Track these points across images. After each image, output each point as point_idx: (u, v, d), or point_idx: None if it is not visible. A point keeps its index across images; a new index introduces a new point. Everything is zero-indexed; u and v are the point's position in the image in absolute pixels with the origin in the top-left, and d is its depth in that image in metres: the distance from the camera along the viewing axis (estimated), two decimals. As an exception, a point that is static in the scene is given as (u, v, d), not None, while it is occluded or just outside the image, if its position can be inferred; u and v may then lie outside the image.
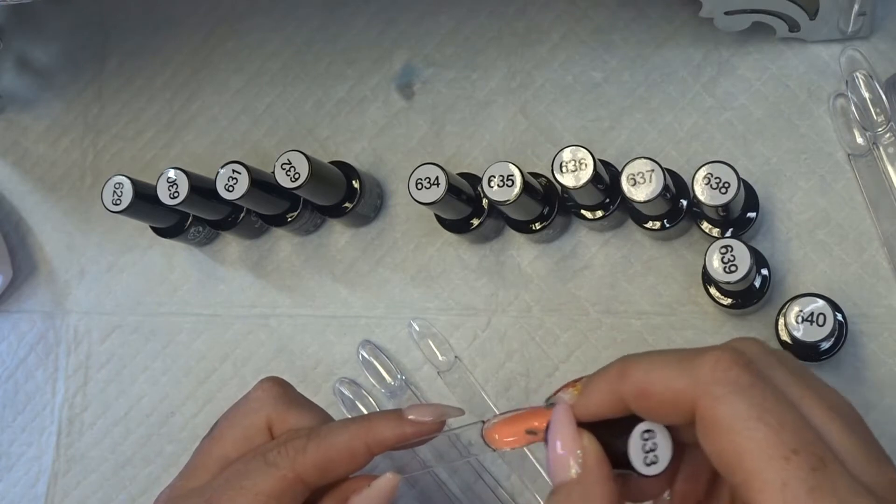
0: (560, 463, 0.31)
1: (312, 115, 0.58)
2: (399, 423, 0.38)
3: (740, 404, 0.26)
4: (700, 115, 0.49)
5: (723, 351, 0.28)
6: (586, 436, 0.31)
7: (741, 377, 0.27)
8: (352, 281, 0.55)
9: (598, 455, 0.30)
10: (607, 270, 0.50)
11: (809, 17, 0.45)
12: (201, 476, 0.39)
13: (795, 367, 0.30)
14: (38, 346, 0.62)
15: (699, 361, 0.28)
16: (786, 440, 0.25)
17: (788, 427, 0.26)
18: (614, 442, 0.30)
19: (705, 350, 0.28)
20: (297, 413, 0.40)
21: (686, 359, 0.28)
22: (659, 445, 0.30)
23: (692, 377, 0.28)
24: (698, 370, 0.28)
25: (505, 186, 0.44)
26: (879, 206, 0.45)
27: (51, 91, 0.66)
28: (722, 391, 0.27)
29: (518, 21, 0.54)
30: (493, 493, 0.50)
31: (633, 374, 0.29)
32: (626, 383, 0.29)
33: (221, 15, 0.62)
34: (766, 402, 0.26)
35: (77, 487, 0.59)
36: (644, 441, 0.30)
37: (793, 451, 0.25)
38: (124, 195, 0.51)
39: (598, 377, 0.31)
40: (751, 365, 0.27)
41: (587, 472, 0.30)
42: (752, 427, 0.26)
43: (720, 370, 0.27)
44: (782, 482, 0.25)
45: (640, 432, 0.30)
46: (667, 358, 0.29)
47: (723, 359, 0.27)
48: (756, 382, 0.27)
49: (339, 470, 0.38)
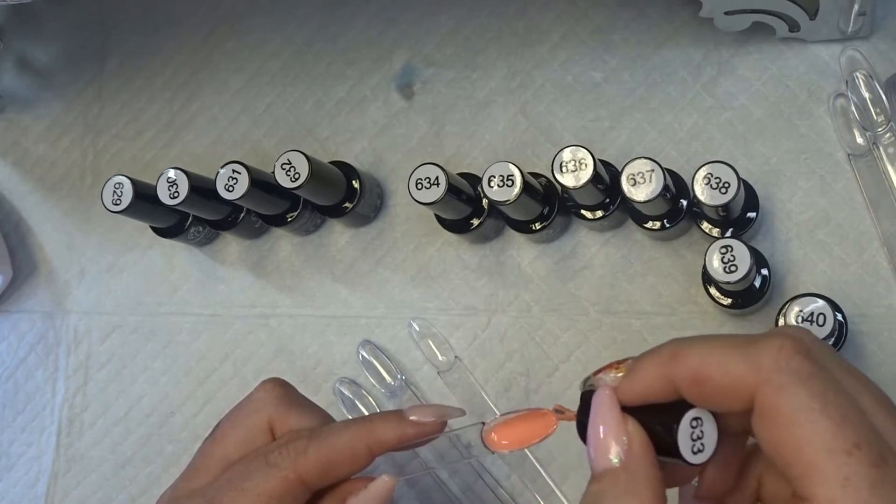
0: (602, 449, 0.30)
1: (312, 115, 0.58)
2: (400, 424, 0.38)
3: (803, 395, 0.26)
4: (700, 115, 0.49)
5: (785, 338, 0.27)
6: (631, 421, 0.30)
7: (803, 366, 0.26)
8: (352, 281, 0.55)
9: (644, 441, 0.29)
10: (607, 270, 0.50)
11: (809, 17, 0.45)
12: (203, 477, 0.39)
13: (841, 358, 0.30)
14: (38, 346, 0.62)
15: (761, 347, 0.27)
16: (848, 434, 0.25)
17: (850, 421, 0.25)
18: (658, 428, 0.29)
19: (766, 336, 0.28)
20: (299, 414, 0.40)
21: (746, 344, 0.28)
22: (706, 433, 0.29)
23: (753, 364, 0.27)
24: (760, 357, 0.27)
25: (505, 186, 0.44)
26: (879, 206, 0.45)
27: (51, 91, 0.66)
28: (785, 380, 0.26)
29: (518, 21, 0.54)
30: (493, 493, 0.50)
31: (688, 357, 0.28)
32: (680, 367, 0.28)
33: (221, 15, 0.62)
34: (828, 395, 0.26)
35: (77, 487, 0.59)
36: (692, 429, 0.29)
37: (855, 446, 0.25)
38: (124, 195, 0.51)
39: (646, 359, 0.30)
40: (811, 354, 0.27)
41: (633, 459, 0.29)
42: (815, 420, 0.25)
43: (783, 358, 0.27)
44: (844, 476, 0.24)
45: (690, 419, 0.29)
46: (724, 342, 0.28)
47: (786, 346, 0.27)
48: (817, 373, 0.26)
49: (341, 471, 0.38)
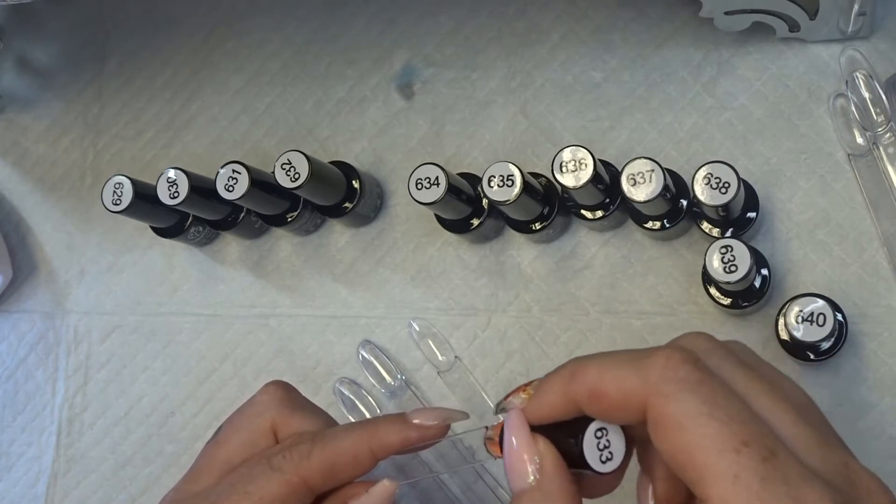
0: (518, 470, 0.31)
1: (312, 115, 0.58)
2: (404, 428, 0.38)
3: (690, 401, 0.27)
4: (700, 115, 0.49)
5: (672, 350, 0.28)
6: (541, 440, 0.31)
7: (691, 375, 0.27)
8: (352, 281, 0.55)
9: (556, 459, 0.30)
10: (607, 270, 0.50)
11: (809, 17, 0.45)
12: (205, 480, 0.39)
13: (748, 358, 0.31)
14: (38, 346, 0.62)
15: (649, 361, 0.28)
16: (736, 433, 0.26)
17: (738, 420, 0.26)
18: (567, 443, 0.30)
19: (655, 349, 0.29)
20: (302, 417, 0.40)
21: (636, 358, 0.29)
22: (612, 442, 0.30)
23: (643, 376, 0.28)
24: (648, 370, 0.28)
25: (505, 186, 0.44)
26: (879, 206, 0.45)
27: (51, 91, 0.66)
28: (672, 389, 0.27)
29: (518, 21, 0.54)
30: (493, 494, 0.50)
31: (585, 375, 0.29)
32: (578, 385, 0.30)
33: (221, 15, 0.62)
34: (716, 398, 0.27)
35: (77, 487, 0.59)
36: (598, 439, 0.30)
37: (743, 444, 0.25)
38: (124, 195, 0.51)
39: (549, 379, 0.31)
40: (699, 362, 0.28)
41: (546, 477, 0.30)
42: (703, 423, 0.26)
43: (669, 369, 0.27)
44: (734, 474, 0.25)
45: (594, 431, 0.30)
46: (617, 358, 0.29)
47: (672, 357, 0.28)
48: (705, 379, 0.27)
49: (344, 475, 0.38)
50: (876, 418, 0.44)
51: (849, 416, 0.44)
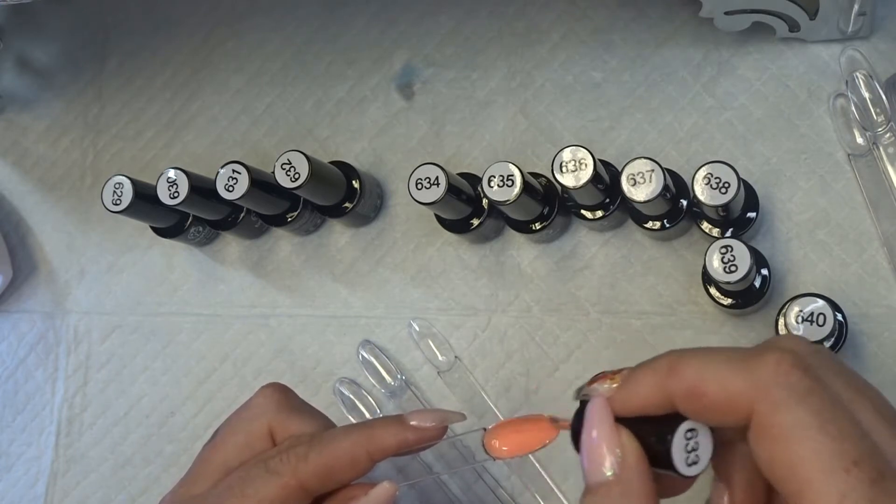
0: (596, 461, 0.29)
1: (312, 115, 0.58)
2: (401, 430, 0.38)
3: (801, 412, 0.25)
4: (700, 115, 0.49)
5: (783, 353, 0.27)
6: (625, 433, 0.29)
7: (802, 382, 0.26)
8: (352, 281, 0.55)
9: (639, 453, 0.29)
10: (607, 270, 0.50)
11: (809, 17, 0.45)
12: (202, 483, 0.39)
13: (841, 366, 0.29)
14: (38, 346, 0.62)
15: (759, 362, 0.27)
16: (847, 451, 0.25)
17: (849, 438, 0.25)
18: (652, 440, 0.29)
19: (764, 351, 0.27)
20: (299, 419, 0.40)
21: (744, 359, 0.27)
22: (701, 445, 0.29)
23: (751, 379, 0.27)
24: (758, 372, 0.26)
25: (505, 186, 0.44)
26: (879, 206, 0.45)
27: (51, 91, 0.66)
28: (783, 396, 0.26)
29: (518, 21, 0.54)
30: (494, 494, 0.50)
31: (685, 371, 0.28)
32: (677, 380, 0.28)
33: (221, 15, 0.62)
34: (826, 411, 0.25)
35: (76, 487, 0.59)
36: (687, 441, 0.28)
37: (853, 463, 0.24)
38: (124, 195, 0.51)
39: (643, 371, 0.30)
40: (810, 369, 0.26)
41: (627, 472, 0.29)
42: (813, 437, 0.25)
43: (781, 374, 0.26)
44: (841, 494, 0.24)
45: (684, 431, 0.28)
46: (722, 356, 0.28)
47: (784, 361, 0.26)
48: (815, 388, 0.26)
49: (341, 477, 0.38)
50: (876, 418, 0.44)
51: (849, 416, 0.44)
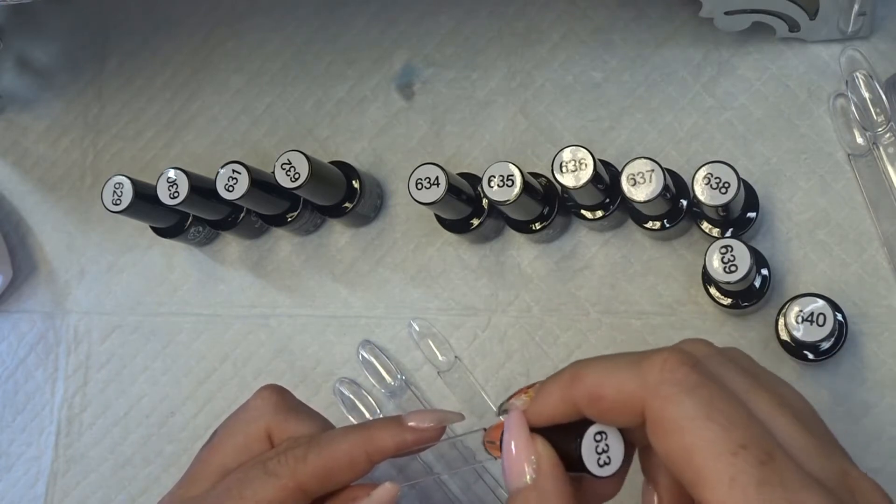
0: (515, 469, 0.31)
1: (312, 115, 0.58)
2: (399, 431, 0.38)
3: (688, 403, 0.27)
4: (700, 115, 0.49)
5: (671, 352, 0.28)
6: (539, 441, 0.31)
7: (689, 377, 0.27)
8: (352, 281, 0.55)
9: (553, 459, 0.31)
10: (607, 270, 0.50)
11: (809, 17, 0.45)
12: (200, 485, 0.38)
13: (746, 364, 0.31)
14: (38, 346, 0.62)
15: (647, 363, 0.28)
16: (734, 436, 0.26)
17: (736, 423, 0.26)
18: (567, 445, 0.31)
19: (654, 352, 0.29)
20: (297, 421, 0.40)
21: (635, 361, 0.29)
22: (611, 446, 0.30)
23: (641, 379, 0.28)
24: (647, 372, 0.28)
25: (505, 186, 0.44)
26: (879, 206, 0.45)
27: (51, 91, 0.66)
28: (670, 391, 0.27)
29: (518, 21, 0.54)
30: (493, 494, 0.50)
31: (585, 378, 0.30)
32: (579, 387, 0.30)
33: (221, 15, 0.62)
34: (714, 401, 0.27)
35: (76, 488, 0.59)
36: (597, 443, 0.30)
37: (741, 447, 0.25)
38: (124, 195, 0.51)
39: (550, 382, 0.31)
40: (698, 365, 0.28)
41: (542, 476, 0.30)
42: (701, 426, 0.26)
43: (668, 371, 0.27)
44: (730, 477, 0.25)
45: (593, 434, 0.30)
46: (617, 361, 0.29)
47: (670, 359, 0.28)
48: (704, 381, 0.27)
49: (340, 478, 0.38)
50: (876, 418, 0.44)
51: (849, 416, 0.44)
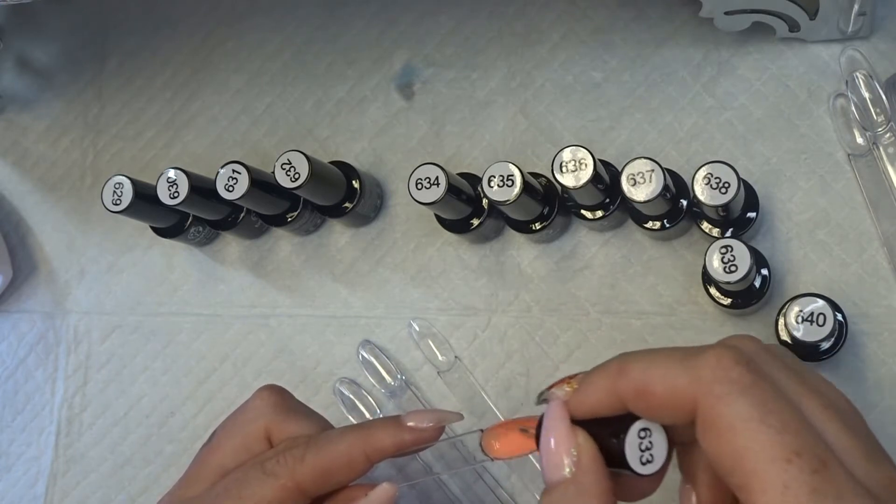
0: (554, 461, 0.30)
1: (312, 115, 0.58)
2: (398, 431, 0.38)
3: (742, 404, 0.26)
4: (700, 115, 0.49)
5: (724, 349, 0.28)
6: (581, 433, 0.30)
7: (743, 376, 0.27)
8: (352, 281, 0.55)
9: (594, 453, 0.30)
10: (607, 270, 0.50)
11: (809, 17, 0.45)
12: (199, 485, 0.39)
13: (793, 363, 0.30)
14: (38, 346, 0.62)
15: (700, 359, 0.27)
16: (788, 442, 0.25)
17: (790, 429, 0.25)
18: (609, 440, 0.30)
19: (706, 348, 0.28)
20: (296, 421, 0.40)
21: (687, 357, 0.28)
22: (655, 444, 0.29)
23: (693, 376, 0.27)
24: (700, 368, 0.27)
25: (505, 186, 0.44)
26: (879, 206, 0.45)
27: (51, 91, 0.66)
28: (724, 390, 0.26)
29: (518, 21, 0.54)
30: (493, 494, 0.50)
31: (633, 371, 0.29)
32: (626, 381, 0.29)
33: (221, 15, 0.62)
34: (768, 403, 0.26)
35: (76, 488, 0.59)
36: (640, 440, 0.29)
37: (795, 453, 0.25)
38: (124, 195, 0.51)
39: (595, 374, 0.31)
40: (752, 363, 0.27)
41: (582, 470, 0.30)
42: (754, 429, 0.26)
43: (722, 369, 0.27)
44: (784, 484, 0.25)
45: (637, 430, 0.29)
46: (667, 356, 0.29)
47: (724, 357, 0.27)
48: (758, 382, 0.27)
49: (338, 478, 0.38)
50: (876, 418, 0.44)
51: (849, 416, 0.44)
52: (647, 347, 0.48)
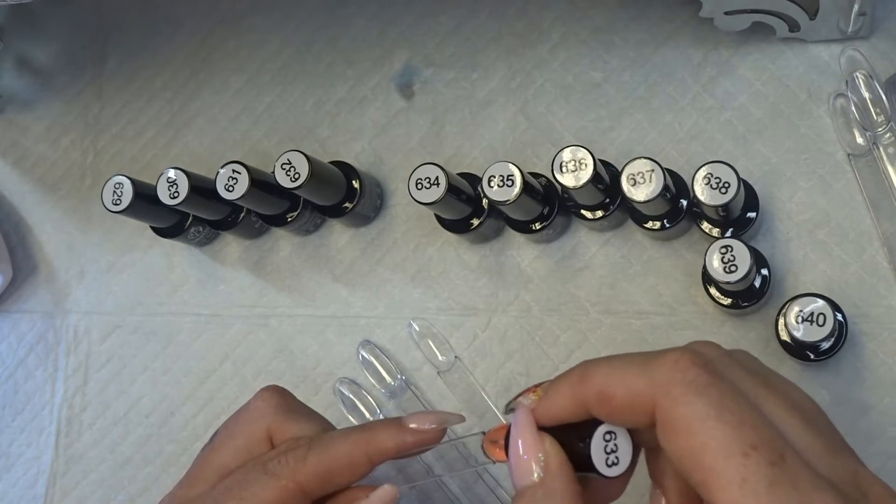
0: (522, 467, 0.31)
1: (312, 115, 0.58)
2: (400, 432, 0.38)
3: (699, 404, 0.26)
4: (700, 115, 0.49)
5: (681, 352, 0.28)
6: (548, 439, 0.31)
7: (699, 377, 0.27)
8: (352, 281, 0.55)
9: (560, 458, 0.30)
10: (607, 270, 0.50)
11: (809, 17, 0.45)
12: (201, 485, 0.39)
13: (754, 366, 0.30)
14: (37, 346, 0.62)
15: (658, 363, 0.28)
16: (744, 437, 0.25)
17: (747, 424, 0.26)
18: (575, 445, 0.30)
19: (664, 352, 0.28)
20: (297, 422, 0.40)
21: (646, 361, 0.28)
22: (620, 447, 0.30)
23: (651, 379, 0.28)
24: (657, 372, 0.28)
25: (505, 186, 0.44)
26: (879, 206, 0.45)
27: (51, 91, 0.66)
28: (680, 391, 0.27)
29: (518, 21, 0.54)
30: (494, 494, 0.50)
31: (594, 377, 0.29)
32: (587, 386, 0.30)
33: (221, 15, 0.62)
34: (725, 401, 0.26)
35: (76, 488, 0.59)
36: (605, 443, 0.30)
37: (752, 447, 0.25)
38: (124, 195, 0.51)
39: (559, 381, 0.31)
40: (709, 365, 0.28)
41: (550, 474, 0.30)
42: (711, 426, 0.26)
43: (679, 371, 0.27)
44: (742, 478, 0.25)
45: (602, 434, 0.30)
46: (627, 361, 0.29)
47: (681, 360, 0.28)
48: (714, 382, 0.27)
49: (340, 480, 0.38)
50: (876, 418, 0.44)
51: (849, 416, 0.44)
52: (648, 347, 0.48)
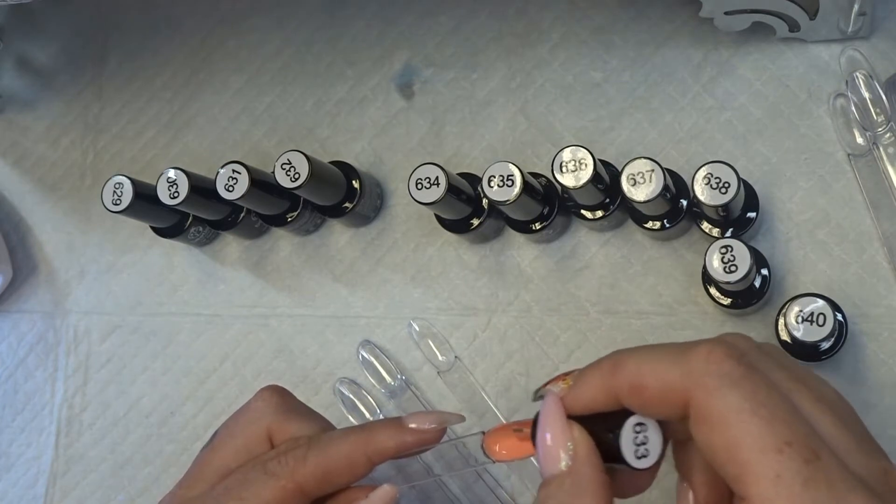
0: (550, 455, 0.30)
1: (312, 115, 0.58)
2: (399, 432, 0.38)
3: (733, 397, 0.26)
4: (700, 115, 0.49)
5: (715, 343, 0.28)
6: (576, 428, 0.31)
7: (734, 370, 0.27)
8: (352, 281, 0.55)
9: (589, 447, 0.30)
10: (607, 270, 0.50)
11: (809, 17, 0.45)
12: (200, 485, 0.39)
13: (785, 360, 0.30)
14: (37, 346, 0.62)
15: (692, 354, 0.28)
16: (779, 432, 0.25)
17: (781, 419, 0.26)
18: (604, 435, 0.30)
19: (699, 343, 0.28)
20: (298, 422, 0.40)
21: (679, 352, 0.28)
22: (650, 439, 0.30)
23: (685, 370, 0.27)
24: (691, 363, 0.27)
25: (505, 186, 0.44)
26: (879, 206, 0.45)
27: (51, 91, 0.66)
28: (715, 384, 0.27)
29: (518, 21, 0.54)
30: (494, 494, 0.50)
31: (626, 367, 0.29)
32: (619, 377, 0.29)
33: (221, 15, 0.62)
34: (759, 395, 0.26)
35: (76, 488, 0.59)
36: (636, 434, 0.29)
37: (786, 444, 0.25)
38: (124, 195, 0.51)
39: (590, 370, 0.31)
40: (743, 357, 0.27)
41: (578, 463, 0.30)
42: (746, 420, 0.26)
43: (713, 362, 0.27)
44: (776, 474, 0.25)
45: (632, 425, 0.29)
46: (660, 351, 0.29)
47: (715, 351, 0.27)
48: (749, 375, 0.27)
49: (340, 480, 0.38)
50: (876, 418, 0.44)
51: (849, 416, 0.44)
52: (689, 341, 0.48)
